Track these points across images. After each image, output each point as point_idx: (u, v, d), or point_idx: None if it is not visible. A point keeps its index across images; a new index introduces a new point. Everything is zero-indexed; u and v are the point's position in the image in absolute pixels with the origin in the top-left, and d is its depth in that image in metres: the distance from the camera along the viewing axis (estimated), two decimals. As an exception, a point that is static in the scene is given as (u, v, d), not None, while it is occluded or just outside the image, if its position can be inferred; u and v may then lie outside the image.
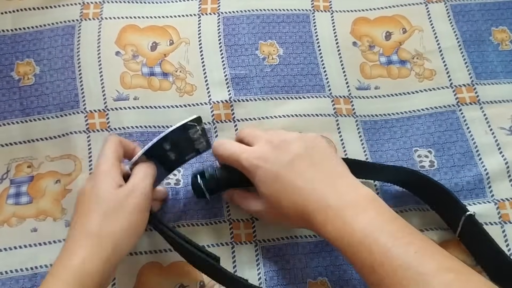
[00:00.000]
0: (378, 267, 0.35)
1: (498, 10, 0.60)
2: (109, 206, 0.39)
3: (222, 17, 0.59)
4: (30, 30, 0.57)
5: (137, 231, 0.40)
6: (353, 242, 0.37)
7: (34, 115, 0.53)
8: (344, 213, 0.38)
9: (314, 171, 0.42)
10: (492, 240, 0.45)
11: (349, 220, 0.38)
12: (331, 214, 0.39)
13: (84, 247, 0.37)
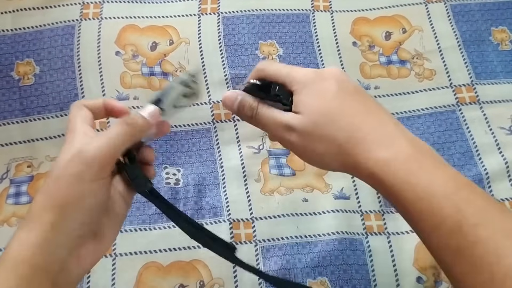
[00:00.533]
0: None
1: (497, 10, 0.60)
2: (51, 182, 0.31)
3: (222, 17, 0.59)
4: (30, 30, 0.57)
5: (90, 204, 0.32)
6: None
7: (34, 115, 0.53)
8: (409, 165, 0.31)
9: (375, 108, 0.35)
10: None
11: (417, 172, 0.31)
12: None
13: (26, 230, 0.31)
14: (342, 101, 0.34)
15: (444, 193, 0.31)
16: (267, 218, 0.49)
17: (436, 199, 0.31)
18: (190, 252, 0.47)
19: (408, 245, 0.48)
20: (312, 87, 0.35)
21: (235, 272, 0.47)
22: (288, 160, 0.52)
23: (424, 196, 0.31)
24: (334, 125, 0.34)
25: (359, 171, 0.33)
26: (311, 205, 0.50)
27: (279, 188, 0.51)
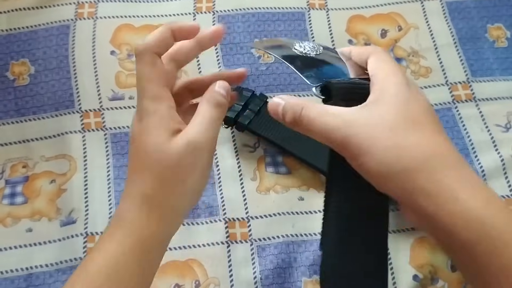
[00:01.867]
0: None
1: (493, 7, 0.60)
2: (160, 167, 0.31)
3: (217, 15, 0.58)
4: (24, 30, 0.57)
5: (197, 192, 0.33)
6: None
7: (29, 115, 0.53)
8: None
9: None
10: None
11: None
12: None
13: (139, 212, 0.31)
14: (428, 113, 0.30)
15: None
16: (263, 217, 0.49)
17: None
18: (185, 251, 0.47)
19: (403, 243, 0.48)
20: (393, 96, 0.30)
21: (230, 272, 0.47)
22: (284, 159, 0.52)
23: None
24: (413, 135, 0.29)
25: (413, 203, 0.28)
26: (307, 203, 0.50)
27: (275, 187, 0.51)
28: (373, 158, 0.28)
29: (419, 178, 0.28)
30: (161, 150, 0.31)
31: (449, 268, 0.47)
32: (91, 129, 0.52)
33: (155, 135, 0.31)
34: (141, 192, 0.32)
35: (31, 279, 0.46)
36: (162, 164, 0.31)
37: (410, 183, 0.28)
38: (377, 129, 0.29)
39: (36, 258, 0.47)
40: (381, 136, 0.29)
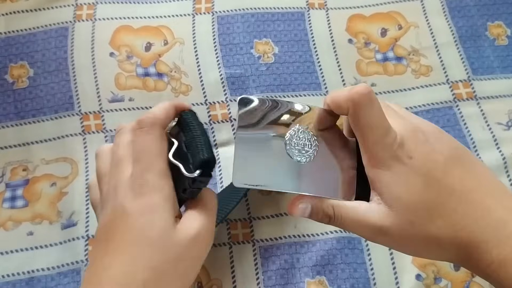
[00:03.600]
0: None
1: (493, 5, 0.60)
2: (162, 258, 0.27)
3: (216, 16, 0.58)
4: (23, 32, 0.56)
5: (194, 278, 0.30)
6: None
7: (29, 118, 0.53)
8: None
9: (477, 182, 0.29)
10: None
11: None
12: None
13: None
14: (438, 186, 0.28)
15: None
16: (265, 218, 0.49)
17: None
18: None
19: (406, 242, 0.48)
20: (397, 173, 0.28)
21: (233, 273, 0.47)
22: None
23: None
24: (434, 222, 0.27)
25: (472, 268, 0.29)
26: (309, 204, 0.50)
27: (277, 188, 0.50)
28: None
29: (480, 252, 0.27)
30: (167, 237, 0.27)
31: (452, 267, 0.47)
32: (92, 132, 0.52)
33: (161, 218, 0.27)
34: (127, 286, 0.26)
35: (32, 282, 0.46)
36: (165, 256, 0.27)
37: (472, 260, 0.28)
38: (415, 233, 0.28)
39: (37, 262, 0.47)
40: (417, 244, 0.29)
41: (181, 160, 0.30)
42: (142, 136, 0.29)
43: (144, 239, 0.27)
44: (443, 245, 0.28)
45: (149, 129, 0.30)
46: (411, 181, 0.28)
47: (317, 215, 0.30)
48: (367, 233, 0.30)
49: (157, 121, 0.30)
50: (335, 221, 0.30)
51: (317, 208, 0.30)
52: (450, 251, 0.28)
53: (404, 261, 0.47)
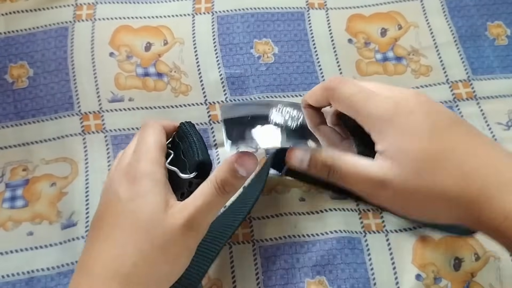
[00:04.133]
0: None
1: (493, 5, 0.60)
2: (152, 243, 0.27)
3: (216, 16, 0.58)
4: (23, 32, 0.56)
5: (182, 270, 0.30)
6: None
7: (29, 118, 0.53)
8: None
9: (481, 139, 0.28)
10: None
11: None
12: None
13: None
14: (442, 138, 0.27)
15: None
16: (265, 218, 0.49)
17: None
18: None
19: (406, 242, 0.48)
20: (398, 124, 0.27)
21: (233, 273, 0.47)
22: (285, 159, 0.52)
23: None
24: (441, 173, 0.26)
25: (481, 225, 0.27)
26: (308, 204, 0.50)
27: (277, 187, 0.50)
28: None
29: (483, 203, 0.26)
30: (157, 222, 0.27)
31: (452, 267, 0.47)
32: (91, 132, 0.52)
33: (150, 202, 0.28)
34: (116, 270, 0.27)
35: (32, 282, 0.46)
36: (155, 241, 0.27)
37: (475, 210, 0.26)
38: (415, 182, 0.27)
39: (37, 262, 0.47)
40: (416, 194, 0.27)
41: (179, 167, 0.30)
42: (143, 132, 0.31)
43: (133, 223, 0.27)
44: (451, 200, 0.26)
45: (150, 126, 0.31)
46: (415, 133, 0.27)
47: (316, 166, 0.29)
48: (368, 188, 0.28)
49: (158, 122, 0.32)
50: (334, 174, 0.29)
51: (315, 158, 0.29)
52: (457, 207, 0.26)
53: (404, 261, 0.47)
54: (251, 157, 0.30)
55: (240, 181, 0.30)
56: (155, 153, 0.30)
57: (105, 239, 0.28)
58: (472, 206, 0.26)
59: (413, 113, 0.28)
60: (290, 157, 0.31)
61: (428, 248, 0.48)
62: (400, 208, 0.28)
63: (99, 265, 0.27)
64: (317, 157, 0.29)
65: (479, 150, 0.27)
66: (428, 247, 0.48)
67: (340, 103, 0.30)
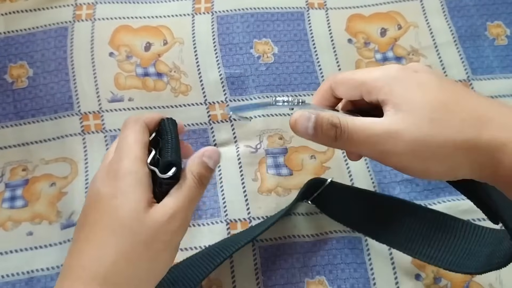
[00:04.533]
0: None
1: (493, 5, 0.60)
2: (133, 240, 0.27)
3: (216, 16, 0.58)
4: (22, 32, 0.56)
5: (166, 268, 0.30)
6: None
7: (28, 118, 0.53)
8: None
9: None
10: None
11: None
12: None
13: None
14: (451, 89, 0.27)
15: None
16: (264, 218, 0.49)
17: None
18: (187, 253, 0.47)
19: (406, 242, 0.48)
20: (406, 80, 0.27)
21: (232, 273, 0.47)
22: (285, 159, 0.52)
23: None
24: (454, 118, 0.26)
25: (498, 174, 0.26)
26: (309, 205, 0.50)
27: (277, 188, 0.50)
28: None
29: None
30: (138, 219, 0.27)
31: (452, 267, 0.47)
32: (91, 132, 0.52)
33: (132, 199, 0.27)
34: (96, 271, 0.26)
35: (32, 282, 0.46)
36: (136, 238, 0.27)
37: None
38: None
39: (37, 262, 0.47)
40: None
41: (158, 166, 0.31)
42: (124, 130, 0.31)
43: (114, 221, 0.27)
44: (467, 143, 0.25)
45: (130, 124, 0.31)
46: (424, 86, 0.27)
47: (321, 127, 0.28)
48: (379, 145, 0.27)
49: (140, 118, 0.31)
50: (342, 134, 0.27)
51: (321, 119, 0.28)
52: (469, 157, 0.26)
53: (404, 261, 0.47)
54: (215, 150, 0.31)
55: (211, 173, 0.31)
56: (136, 151, 0.29)
57: (85, 238, 0.28)
58: (483, 157, 0.26)
59: (419, 72, 0.28)
60: (294, 120, 0.29)
61: (427, 248, 0.48)
62: (415, 163, 0.27)
63: (80, 267, 0.27)
64: (322, 117, 0.28)
65: (487, 100, 0.27)
66: (427, 247, 0.48)
67: (345, 84, 0.29)
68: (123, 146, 0.30)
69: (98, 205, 0.28)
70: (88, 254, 0.27)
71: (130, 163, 0.28)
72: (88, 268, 0.27)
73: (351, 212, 0.48)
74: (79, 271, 0.27)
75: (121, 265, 0.27)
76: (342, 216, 0.48)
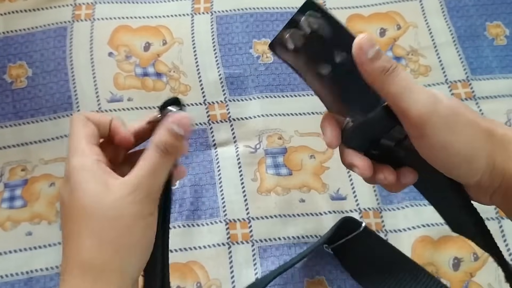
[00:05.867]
0: None
1: (492, 5, 0.60)
2: (102, 224, 0.28)
3: (215, 16, 0.58)
4: (22, 32, 0.56)
5: (144, 244, 0.30)
6: None
7: (28, 118, 0.53)
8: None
9: None
10: None
11: None
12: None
13: (82, 284, 0.28)
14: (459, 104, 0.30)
15: None
16: (264, 218, 0.49)
17: None
18: (186, 253, 0.47)
19: (406, 242, 0.48)
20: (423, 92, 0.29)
21: (232, 273, 0.47)
22: (285, 159, 0.52)
23: None
24: (471, 114, 0.29)
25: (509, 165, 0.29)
26: (308, 205, 0.50)
27: (276, 188, 0.50)
28: None
29: None
30: (97, 201, 0.28)
31: (451, 267, 0.47)
32: (90, 132, 0.52)
33: (87, 188, 0.28)
34: (78, 260, 0.28)
35: (31, 283, 0.46)
36: (99, 218, 0.28)
37: None
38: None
39: (36, 262, 0.47)
40: None
41: None
42: (70, 130, 0.31)
43: (75, 212, 0.28)
44: (484, 133, 0.29)
45: (73, 121, 0.31)
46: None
47: (381, 56, 0.28)
48: (421, 92, 0.28)
49: (81, 113, 0.32)
50: (395, 70, 0.28)
51: (380, 51, 0.28)
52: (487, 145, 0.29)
53: (403, 261, 0.47)
54: (184, 115, 0.30)
55: (179, 140, 0.30)
56: (78, 144, 0.30)
57: (64, 237, 0.30)
58: (504, 139, 0.29)
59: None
60: (360, 39, 0.28)
61: (427, 248, 0.48)
62: (445, 132, 0.28)
63: (64, 261, 0.29)
64: (381, 51, 0.29)
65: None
66: (427, 247, 0.48)
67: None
68: (69, 145, 0.30)
69: (63, 207, 0.29)
70: (68, 249, 0.29)
71: (75, 159, 0.29)
72: (70, 259, 0.28)
73: (367, 270, 0.46)
74: (65, 265, 0.29)
75: (94, 249, 0.28)
76: (358, 273, 0.46)
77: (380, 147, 0.30)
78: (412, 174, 0.31)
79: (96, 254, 0.28)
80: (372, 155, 0.31)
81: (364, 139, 0.30)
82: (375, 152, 0.30)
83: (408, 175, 0.31)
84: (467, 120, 0.29)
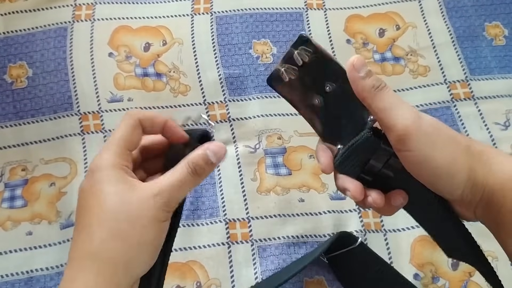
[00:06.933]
0: None
1: (491, 5, 0.60)
2: (116, 218, 0.29)
3: (215, 16, 0.58)
4: (22, 32, 0.57)
5: (155, 246, 0.31)
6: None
7: (28, 118, 0.53)
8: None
9: None
10: None
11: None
12: None
13: (88, 273, 0.29)
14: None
15: None
16: (263, 218, 0.49)
17: None
18: (186, 253, 0.47)
19: (405, 242, 0.48)
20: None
21: (231, 272, 0.47)
22: (284, 159, 0.52)
23: None
24: (451, 132, 0.31)
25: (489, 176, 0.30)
26: (308, 205, 0.50)
27: (275, 188, 0.51)
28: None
29: None
30: (120, 198, 0.29)
31: (450, 266, 0.47)
32: (90, 132, 0.52)
33: (111, 185, 0.29)
34: (89, 250, 0.29)
35: (31, 282, 0.46)
36: (119, 214, 0.29)
37: None
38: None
39: (36, 262, 0.47)
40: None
41: None
42: (121, 123, 0.32)
43: (95, 206, 0.29)
44: (463, 147, 0.31)
45: (125, 117, 0.32)
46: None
47: (372, 75, 0.31)
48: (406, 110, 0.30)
49: (136, 114, 0.32)
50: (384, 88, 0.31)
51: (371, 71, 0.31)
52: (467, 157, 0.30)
53: (402, 261, 0.48)
54: (222, 147, 0.32)
55: (210, 167, 0.32)
56: (116, 147, 0.31)
57: (77, 230, 0.30)
58: (481, 154, 0.31)
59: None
60: (353, 60, 0.32)
61: (426, 248, 0.48)
62: (426, 146, 0.30)
63: (74, 250, 0.30)
64: (372, 71, 0.32)
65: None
66: (426, 247, 0.48)
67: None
68: (108, 140, 0.32)
69: (82, 198, 0.30)
70: (79, 238, 0.30)
71: (106, 157, 0.30)
72: (80, 248, 0.29)
73: (359, 284, 0.47)
74: (74, 253, 0.29)
75: (109, 242, 0.29)
76: (350, 286, 0.47)
77: (370, 172, 0.31)
78: (402, 196, 0.33)
79: (108, 246, 0.29)
80: (364, 181, 0.32)
81: (354, 162, 0.32)
82: (366, 177, 0.32)
83: (398, 197, 0.32)
84: (448, 136, 0.31)
